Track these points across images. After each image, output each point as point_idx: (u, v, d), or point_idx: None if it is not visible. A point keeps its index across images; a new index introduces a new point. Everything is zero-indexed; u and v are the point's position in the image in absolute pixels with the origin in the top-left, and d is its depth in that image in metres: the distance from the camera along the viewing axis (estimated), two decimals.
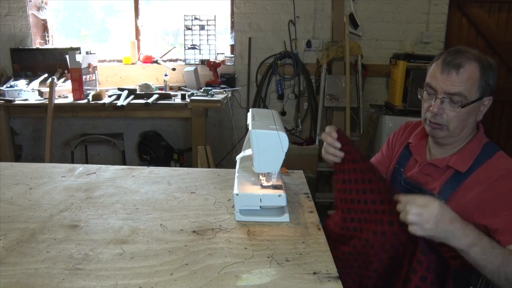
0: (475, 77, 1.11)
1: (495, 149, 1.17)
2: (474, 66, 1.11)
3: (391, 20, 3.68)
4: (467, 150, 1.17)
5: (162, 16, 4.04)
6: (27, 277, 0.90)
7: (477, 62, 1.12)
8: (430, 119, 1.19)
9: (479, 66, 1.11)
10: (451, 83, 1.12)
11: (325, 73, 3.56)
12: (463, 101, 1.12)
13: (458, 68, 1.11)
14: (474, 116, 1.17)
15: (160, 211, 1.25)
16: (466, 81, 1.11)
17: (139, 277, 0.91)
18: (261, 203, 1.19)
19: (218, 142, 3.98)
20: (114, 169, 1.63)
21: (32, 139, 4.06)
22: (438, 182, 1.19)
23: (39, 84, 3.48)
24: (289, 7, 3.69)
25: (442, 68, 1.13)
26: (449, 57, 1.13)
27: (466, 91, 1.11)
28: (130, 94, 3.30)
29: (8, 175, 1.53)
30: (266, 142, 1.14)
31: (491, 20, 3.70)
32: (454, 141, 1.20)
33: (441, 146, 1.23)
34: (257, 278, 0.91)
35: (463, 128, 1.17)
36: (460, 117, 1.14)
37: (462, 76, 1.11)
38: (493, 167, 1.12)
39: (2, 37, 3.80)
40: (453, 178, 1.16)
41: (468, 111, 1.14)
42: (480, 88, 1.13)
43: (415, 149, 1.31)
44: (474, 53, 1.13)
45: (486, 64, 1.12)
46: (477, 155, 1.15)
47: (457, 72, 1.11)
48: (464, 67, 1.11)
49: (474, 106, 1.14)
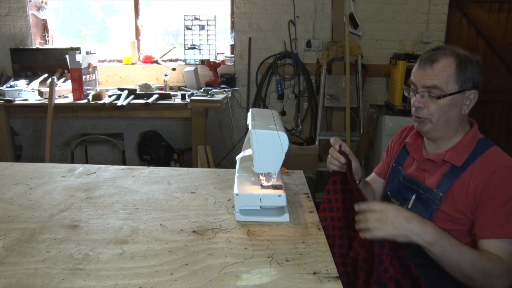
0: (450, 70, 1.16)
1: (490, 143, 1.19)
2: (449, 60, 1.16)
3: (391, 20, 3.68)
4: (462, 145, 1.20)
5: (162, 16, 4.04)
6: (27, 277, 0.90)
7: (454, 57, 1.16)
8: (413, 114, 1.24)
9: (455, 60, 1.16)
10: (427, 77, 1.18)
11: (325, 73, 3.56)
12: (440, 94, 1.17)
13: (432, 63, 1.17)
14: (457, 109, 1.19)
15: (160, 211, 1.25)
16: (441, 74, 1.16)
17: (139, 277, 0.91)
18: (261, 203, 1.19)
19: (218, 142, 3.98)
20: (114, 169, 1.63)
21: (32, 139, 4.06)
22: (435, 177, 1.21)
23: (39, 84, 3.48)
24: (289, 7, 3.69)
25: (419, 64, 1.21)
26: (427, 54, 1.20)
27: (441, 84, 1.16)
28: (130, 94, 3.30)
29: (8, 175, 1.53)
30: (266, 142, 1.14)
31: (491, 20, 3.70)
32: (441, 135, 1.23)
33: (435, 142, 1.26)
34: (257, 278, 0.91)
35: (446, 121, 1.20)
36: (440, 110, 1.18)
37: (437, 70, 1.16)
38: (488, 160, 1.14)
39: (2, 37, 3.80)
40: (449, 172, 1.18)
41: (448, 104, 1.17)
42: (458, 81, 1.16)
43: (412, 148, 1.34)
44: (453, 49, 1.18)
45: (463, 58, 1.16)
46: (472, 150, 1.18)
47: (431, 66, 1.17)
48: (438, 61, 1.17)
49: (454, 98, 1.17)
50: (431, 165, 1.24)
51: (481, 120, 3.82)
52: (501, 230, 1.06)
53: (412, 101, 1.24)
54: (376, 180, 1.48)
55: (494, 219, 1.08)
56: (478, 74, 1.18)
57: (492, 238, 1.07)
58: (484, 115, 3.85)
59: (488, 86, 3.81)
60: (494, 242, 1.06)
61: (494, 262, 1.02)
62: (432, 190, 1.19)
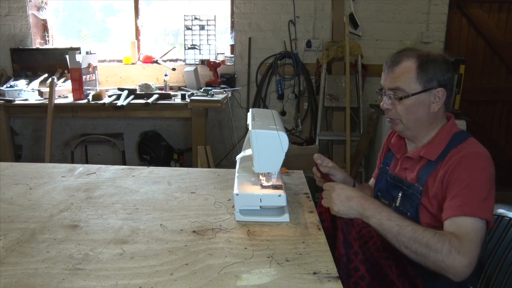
0: (411, 71, 1.19)
1: (466, 136, 1.20)
2: (410, 62, 1.19)
3: (391, 20, 3.68)
4: (436, 140, 1.22)
5: (162, 16, 4.04)
6: (27, 277, 0.90)
7: (415, 58, 1.19)
8: (386, 115, 1.29)
9: (416, 60, 1.19)
10: (390, 79, 1.23)
11: (325, 73, 3.56)
12: (403, 95, 1.20)
13: (393, 66, 1.22)
14: (425, 108, 1.21)
15: (160, 211, 1.25)
16: (402, 76, 1.20)
17: (139, 277, 0.91)
18: (261, 203, 1.19)
19: (218, 142, 3.98)
20: (114, 169, 1.63)
21: (32, 139, 4.06)
22: (414, 173, 1.23)
23: (39, 84, 3.48)
24: (289, 7, 3.69)
25: (384, 68, 1.26)
26: (392, 57, 1.24)
27: (403, 85, 1.19)
28: (130, 94, 3.30)
29: (8, 175, 1.53)
30: (266, 142, 1.14)
31: (491, 20, 3.69)
32: (415, 133, 1.26)
33: (412, 141, 1.29)
34: (257, 278, 0.91)
35: (415, 120, 1.22)
36: (407, 110, 1.21)
37: (398, 72, 1.20)
38: (459, 150, 1.15)
39: (2, 37, 3.80)
40: (425, 166, 1.21)
41: (414, 104, 1.20)
42: (420, 81, 1.19)
43: (395, 148, 1.36)
44: (416, 51, 1.21)
45: (425, 58, 1.19)
46: (447, 143, 1.19)
47: (393, 69, 1.22)
48: (400, 63, 1.20)
49: (419, 98, 1.20)
50: (410, 163, 1.27)
51: (481, 120, 3.83)
52: (459, 209, 1.05)
53: (381, 104, 1.28)
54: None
55: (454, 200, 1.07)
56: (444, 72, 1.19)
57: (450, 217, 1.06)
58: (484, 115, 3.85)
59: (488, 86, 3.81)
60: (452, 220, 1.05)
61: (441, 236, 1.00)
62: (413, 185, 1.22)
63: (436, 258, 0.98)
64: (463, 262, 0.96)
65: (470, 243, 0.99)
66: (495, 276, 1.25)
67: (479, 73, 3.80)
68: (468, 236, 1.00)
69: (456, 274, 0.97)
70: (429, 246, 0.99)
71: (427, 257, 1.00)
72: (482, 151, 1.14)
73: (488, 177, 1.09)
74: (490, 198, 1.07)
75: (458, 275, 0.97)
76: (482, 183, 1.08)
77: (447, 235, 1.01)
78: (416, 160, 1.25)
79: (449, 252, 0.97)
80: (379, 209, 1.07)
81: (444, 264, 0.98)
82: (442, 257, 0.98)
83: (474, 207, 1.04)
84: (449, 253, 0.97)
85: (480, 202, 1.05)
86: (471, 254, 0.98)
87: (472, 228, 1.02)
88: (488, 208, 1.05)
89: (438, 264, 0.98)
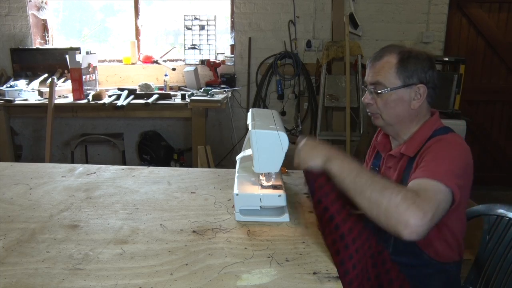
0: (390, 66, 1.19)
1: (447, 131, 1.19)
2: (391, 57, 1.20)
3: (391, 20, 3.68)
4: (417, 136, 1.21)
5: (162, 16, 4.04)
6: (27, 277, 0.90)
7: (397, 54, 1.19)
8: (367, 110, 1.29)
9: (397, 56, 1.19)
10: (371, 74, 1.23)
11: (325, 73, 3.56)
12: (382, 89, 1.20)
13: (375, 61, 1.22)
14: (405, 104, 1.20)
15: (160, 211, 1.25)
16: (382, 70, 1.20)
17: (139, 277, 0.91)
18: (261, 203, 1.19)
19: (218, 142, 3.98)
20: (114, 169, 1.63)
21: (32, 139, 4.06)
22: (397, 172, 1.23)
23: (39, 84, 3.48)
24: (289, 7, 3.69)
25: (367, 63, 1.27)
26: (375, 53, 1.25)
27: (383, 80, 1.20)
28: (130, 94, 3.30)
29: (8, 175, 1.53)
30: (266, 142, 1.14)
31: (491, 20, 3.70)
32: (396, 130, 1.25)
33: (395, 138, 1.29)
34: (257, 278, 0.91)
35: (395, 116, 1.22)
36: (387, 105, 1.21)
37: (378, 67, 1.21)
38: (438, 137, 1.15)
39: (2, 37, 3.80)
40: (407, 164, 1.19)
41: (394, 99, 1.20)
42: (400, 76, 1.18)
43: (380, 146, 1.36)
44: (399, 47, 1.21)
45: (406, 54, 1.19)
46: (426, 139, 1.18)
47: (374, 64, 1.23)
48: (381, 58, 1.21)
49: (398, 93, 1.19)
50: (393, 161, 1.26)
51: (481, 120, 3.83)
52: (422, 173, 1.03)
53: (362, 98, 1.29)
54: None
55: (420, 169, 1.06)
56: (425, 69, 1.18)
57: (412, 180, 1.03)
58: (484, 115, 3.85)
59: (488, 86, 3.81)
60: (413, 181, 1.02)
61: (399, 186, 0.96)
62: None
63: (389, 205, 0.91)
64: (417, 214, 0.88)
65: (426, 198, 0.93)
66: (494, 276, 1.25)
67: (479, 73, 3.80)
68: (426, 192, 0.94)
69: (407, 226, 0.88)
70: (383, 192, 0.93)
71: (379, 204, 0.92)
72: (461, 141, 1.13)
73: (462, 159, 1.07)
74: (460, 176, 1.03)
75: (409, 228, 0.88)
76: (454, 159, 1.05)
77: (404, 186, 0.98)
78: (398, 158, 1.24)
79: (403, 200, 0.90)
80: (343, 155, 1.06)
81: (396, 213, 0.89)
82: (395, 204, 0.90)
83: (438, 173, 1.00)
84: (403, 201, 0.90)
85: (447, 171, 1.01)
86: (427, 208, 0.90)
87: (432, 188, 0.96)
88: (455, 180, 0.99)
89: (390, 212, 0.90)
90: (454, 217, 1.12)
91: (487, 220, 1.34)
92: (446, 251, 1.16)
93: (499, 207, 1.32)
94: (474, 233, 2.10)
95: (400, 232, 0.89)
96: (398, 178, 1.20)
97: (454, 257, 1.18)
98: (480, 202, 1.53)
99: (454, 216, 1.11)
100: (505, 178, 3.85)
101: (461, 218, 1.18)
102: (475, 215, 1.37)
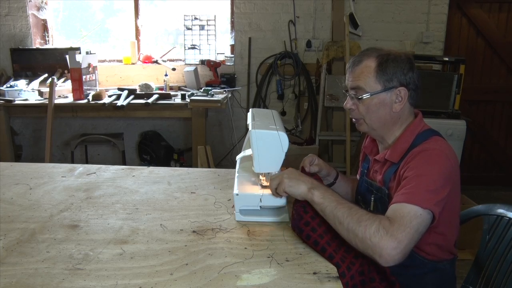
0: (370, 71, 1.17)
1: (430, 134, 1.18)
2: (370, 61, 1.18)
3: (391, 20, 3.68)
4: (400, 141, 1.20)
5: (162, 16, 4.04)
6: (27, 277, 0.90)
7: (375, 57, 1.18)
8: (350, 116, 1.29)
9: (376, 60, 1.17)
10: (351, 79, 1.22)
11: (325, 73, 3.56)
12: (362, 94, 1.19)
13: (354, 66, 1.21)
14: (386, 108, 1.19)
15: (160, 211, 1.25)
16: (362, 75, 1.18)
17: (139, 277, 0.91)
18: (261, 203, 1.19)
19: (218, 142, 3.98)
20: (114, 169, 1.63)
21: (32, 139, 4.06)
22: (381, 176, 1.23)
23: (39, 84, 3.48)
24: (289, 7, 3.69)
25: (347, 68, 1.24)
26: (354, 57, 1.23)
27: (363, 84, 1.18)
28: (130, 94, 3.30)
29: (8, 175, 1.53)
30: (266, 142, 1.15)
31: (491, 20, 3.70)
32: (381, 134, 1.25)
33: (381, 142, 1.28)
34: (257, 278, 0.91)
35: (377, 120, 1.21)
36: (368, 110, 1.20)
37: (358, 71, 1.19)
38: (421, 147, 1.14)
39: (2, 37, 3.80)
40: (390, 168, 1.19)
41: (375, 103, 1.19)
42: (380, 80, 1.17)
43: (368, 150, 1.36)
44: (378, 50, 1.20)
45: (384, 57, 1.17)
46: (410, 144, 1.17)
47: (353, 69, 1.21)
48: (360, 63, 1.19)
49: (379, 97, 1.18)
50: (379, 165, 1.26)
51: (481, 120, 3.83)
52: (401, 197, 1.03)
53: (344, 104, 1.27)
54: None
55: (400, 190, 1.06)
56: (405, 71, 1.17)
57: (392, 204, 1.04)
58: (484, 115, 3.85)
59: (488, 86, 3.81)
60: (391, 207, 1.03)
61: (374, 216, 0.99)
62: (381, 188, 1.21)
63: (364, 236, 0.95)
64: (390, 244, 0.93)
65: (401, 226, 0.96)
66: (494, 276, 1.25)
67: (479, 73, 3.80)
68: (402, 219, 0.97)
69: (382, 255, 0.93)
70: (359, 222, 0.97)
71: (356, 234, 0.97)
72: (443, 148, 1.12)
73: (442, 171, 1.06)
74: (439, 191, 1.03)
75: (384, 257, 0.93)
76: (432, 176, 1.05)
77: (380, 216, 0.99)
78: (382, 162, 1.24)
79: (377, 230, 0.95)
80: (325, 188, 1.10)
81: (370, 242, 0.94)
82: (369, 234, 0.95)
83: (416, 196, 1.01)
84: (377, 231, 0.94)
85: (425, 192, 1.02)
86: (400, 237, 0.94)
87: (408, 213, 0.98)
88: (433, 199, 1.01)
89: (366, 242, 0.95)
90: (445, 222, 1.12)
91: (487, 220, 1.33)
92: (437, 253, 1.16)
93: (499, 207, 1.32)
94: (474, 233, 2.10)
95: (377, 260, 0.95)
96: (382, 181, 1.21)
97: (446, 256, 1.18)
98: (480, 202, 1.53)
99: (444, 221, 1.11)
100: (505, 178, 3.85)
101: (452, 221, 1.17)
102: (475, 215, 1.37)
